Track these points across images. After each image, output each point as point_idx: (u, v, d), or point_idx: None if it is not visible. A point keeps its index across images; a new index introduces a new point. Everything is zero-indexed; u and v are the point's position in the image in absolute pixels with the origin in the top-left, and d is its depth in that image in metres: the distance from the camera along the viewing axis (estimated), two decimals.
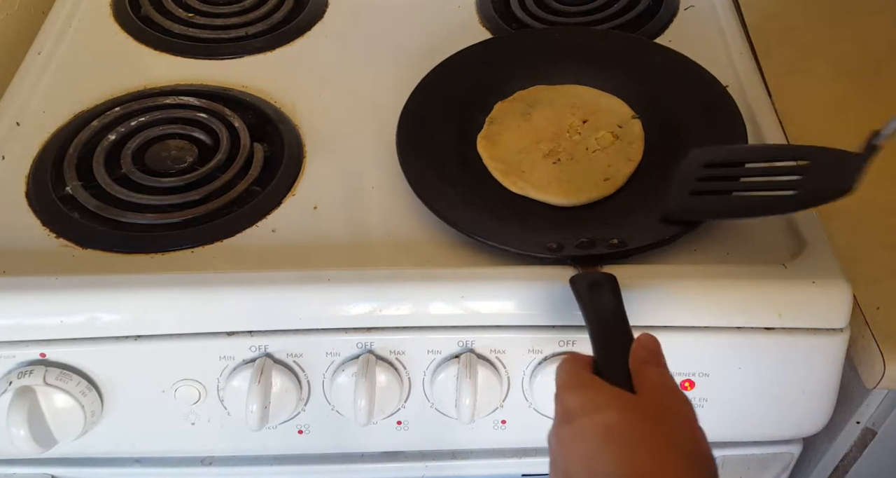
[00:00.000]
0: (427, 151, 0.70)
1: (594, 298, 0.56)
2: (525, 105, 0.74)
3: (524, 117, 0.73)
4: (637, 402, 0.47)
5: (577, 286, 0.58)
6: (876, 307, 0.64)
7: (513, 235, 0.63)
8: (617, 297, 0.56)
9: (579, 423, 0.46)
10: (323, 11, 0.89)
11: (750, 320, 0.62)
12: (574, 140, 0.71)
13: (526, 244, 0.62)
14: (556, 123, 0.72)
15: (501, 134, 0.72)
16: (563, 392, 0.49)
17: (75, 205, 0.68)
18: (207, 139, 0.74)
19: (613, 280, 0.57)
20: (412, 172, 0.68)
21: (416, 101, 0.73)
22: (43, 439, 0.60)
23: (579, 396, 0.48)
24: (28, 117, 0.75)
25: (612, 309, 0.55)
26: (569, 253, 0.62)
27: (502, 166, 0.69)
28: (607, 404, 0.46)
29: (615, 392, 0.47)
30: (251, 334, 0.62)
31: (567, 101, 0.74)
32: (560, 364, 0.52)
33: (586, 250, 0.62)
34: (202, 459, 0.69)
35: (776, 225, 0.66)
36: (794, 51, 0.86)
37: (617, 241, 0.62)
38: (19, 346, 0.61)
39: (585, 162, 0.69)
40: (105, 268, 0.63)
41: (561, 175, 0.68)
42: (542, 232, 0.64)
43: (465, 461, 0.70)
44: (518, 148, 0.71)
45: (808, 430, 0.67)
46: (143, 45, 0.84)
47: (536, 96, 0.75)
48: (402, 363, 0.63)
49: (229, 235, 0.66)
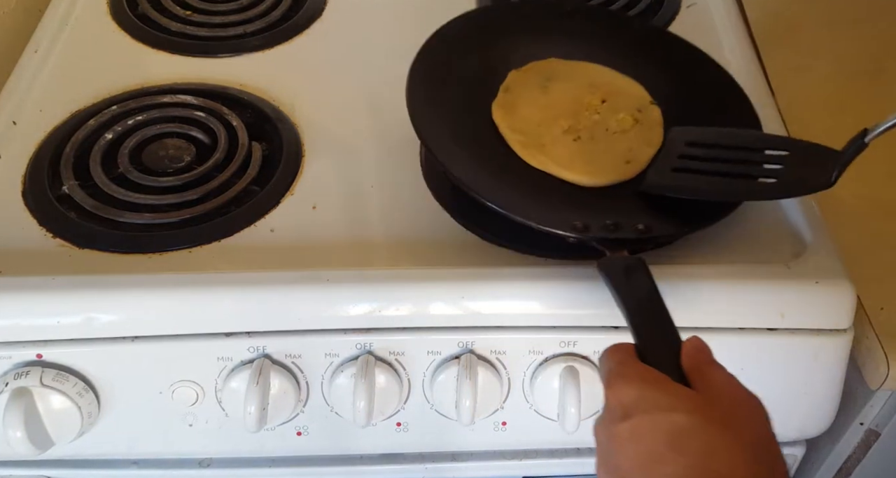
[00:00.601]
0: (440, 110, 0.67)
1: (632, 283, 0.54)
2: (542, 77, 0.72)
3: (542, 90, 0.71)
4: (706, 403, 0.43)
5: (610, 270, 0.55)
6: (880, 308, 0.64)
7: (535, 210, 0.61)
8: (653, 282, 0.54)
9: (639, 421, 0.43)
10: (321, 9, 0.88)
11: (752, 321, 0.61)
12: (593, 119, 0.69)
13: (550, 221, 0.60)
14: (575, 100, 0.70)
15: (518, 104, 0.70)
16: (618, 384, 0.45)
17: (72, 204, 0.68)
18: (205, 138, 0.73)
19: (646, 265, 0.55)
20: (426, 128, 0.64)
21: (425, 62, 0.70)
22: (39, 440, 0.60)
23: (637, 390, 0.44)
24: (24, 116, 0.75)
25: (651, 295, 0.53)
26: (596, 235, 0.59)
27: (521, 138, 0.67)
28: (672, 404, 0.43)
29: (680, 391, 0.44)
30: (249, 335, 0.61)
31: (585, 79, 0.72)
32: (606, 353, 0.49)
33: (614, 233, 0.60)
34: (200, 460, 0.69)
35: (778, 225, 0.66)
36: (796, 48, 0.86)
37: (643, 226, 0.60)
38: (15, 346, 0.60)
39: (606, 143, 0.68)
40: (102, 268, 0.63)
41: (582, 154, 0.66)
42: (565, 211, 0.62)
43: (466, 463, 0.70)
44: (536, 120, 0.69)
45: (811, 431, 0.67)
46: (141, 43, 0.84)
47: (553, 69, 0.73)
48: (402, 364, 0.62)
49: (227, 234, 0.66)
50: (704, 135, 0.64)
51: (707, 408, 0.43)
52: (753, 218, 0.66)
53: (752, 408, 0.44)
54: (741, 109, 0.70)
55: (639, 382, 0.45)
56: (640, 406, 0.43)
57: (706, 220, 0.62)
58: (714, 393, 0.44)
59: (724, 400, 0.44)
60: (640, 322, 0.51)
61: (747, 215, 0.66)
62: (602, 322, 0.61)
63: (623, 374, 0.46)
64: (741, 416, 0.43)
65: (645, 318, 0.51)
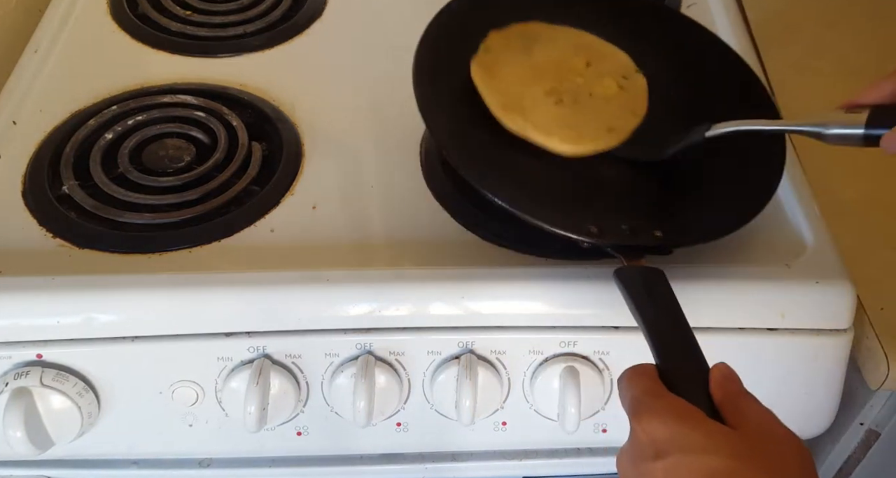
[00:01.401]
0: (442, 100, 0.65)
1: (654, 300, 0.52)
2: (525, 39, 0.69)
3: (524, 51, 0.68)
4: (745, 445, 0.40)
5: (629, 283, 0.53)
6: (880, 308, 0.64)
7: (549, 212, 0.58)
8: (675, 298, 0.52)
9: (674, 462, 0.40)
10: (321, 9, 0.88)
11: (753, 321, 0.61)
12: (577, 83, 0.67)
13: (565, 224, 0.57)
14: (558, 62, 0.67)
15: (498, 64, 0.67)
16: (649, 417, 0.43)
17: (72, 204, 0.68)
18: (205, 138, 0.73)
19: (664, 276, 0.53)
20: (435, 125, 0.62)
21: (426, 48, 0.67)
22: (39, 440, 0.60)
23: (670, 427, 0.41)
24: (24, 116, 0.75)
25: (675, 314, 0.51)
26: (611, 242, 0.57)
27: (501, 99, 0.64)
28: (710, 446, 0.40)
29: (717, 430, 0.41)
30: (249, 335, 0.61)
31: (570, 42, 0.70)
32: (629, 378, 0.46)
33: (631, 240, 0.57)
34: (200, 460, 0.69)
35: (778, 225, 0.66)
36: (797, 48, 0.86)
37: (660, 234, 0.58)
38: (15, 347, 0.60)
39: (589, 108, 0.65)
40: (102, 268, 0.63)
41: (563, 118, 0.64)
42: (578, 211, 0.59)
43: (466, 463, 0.70)
44: (517, 81, 0.66)
45: (811, 431, 0.67)
46: (141, 43, 0.84)
47: (536, 32, 0.70)
48: (402, 364, 0.62)
49: (227, 234, 0.66)
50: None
51: (746, 451, 0.40)
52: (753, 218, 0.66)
53: (793, 449, 0.41)
54: (742, 82, 0.68)
55: (673, 418, 0.42)
56: (675, 446, 0.41)
57: (725, 229, 0.60)
58: (751, 432, 0.41)
59: (764, 441, 0.41)
60: (663, 344, 0.48)
61: None
62: (602, 322, 0.61)
63: (653, 407, 0.43)
64: (782, 459, 0.40)
65: (669, 340, 0.49)
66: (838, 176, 0.73)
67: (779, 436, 0.42)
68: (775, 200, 0.68)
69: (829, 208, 0.67)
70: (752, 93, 0.69)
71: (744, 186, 0.63)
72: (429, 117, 0.62)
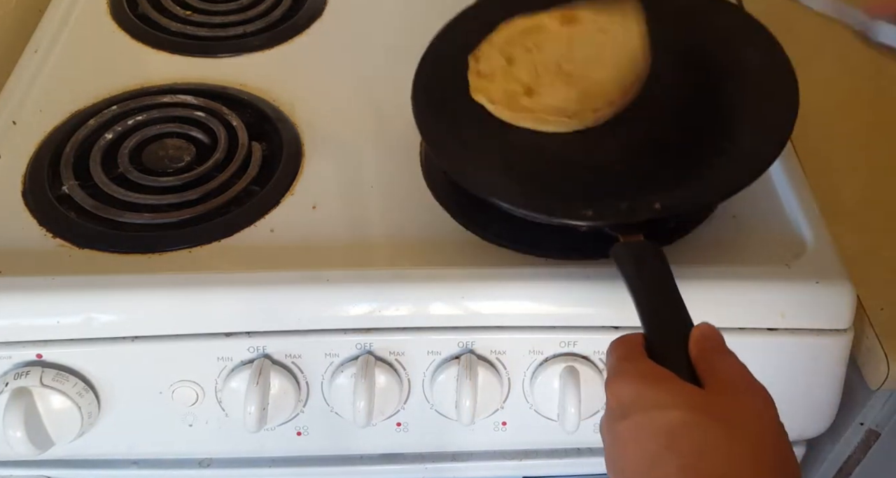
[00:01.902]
0: (441, 110, 0.66)
1: (645, 268, 0.52)
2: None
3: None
4: (707, 399, 0.41)
5: (622, 256, 0.54)
6: (880, 308, 0.64)
7: (543, 200, 0.59)
8: (668, 267, 0.52)
9: (636, 419, 0.41)
10: (321, 9, 0.88)
11: (752, 321, 0.61)
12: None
13: (560, 211, 0.58)
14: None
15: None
16: (617, 381, 0.44)
17: (72, 204, 0.68)
18: (205, 138, 0.73)
19: (661, 251, 0.54)
20: (430, 133, 0.64)
21: (429, 63, 0.69)
22: (39, 440, 0.60)
23: (635, 387, 0.42)
24: (24, 116, 0.75)
25: (664, 279, 0.51)
26: (609, 222, 0.58)
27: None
28: (670, 401, 0.41)
29: (679, 386, 0.42)
30: (249, 335, 0.61)
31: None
32: (610, 347, 0.47)
33: (629, 218, 0.57)
34: (200, 461, 0.69)
35: (778, 225, 0.66)
36: (795, 49, 0.86)
37: (659, 205, 0.57)
38: (15, 347, 0.60)
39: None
40: (102, 268, 0.63)
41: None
42: (574, 199, 0.59)
43: (466, 463, 0.70)
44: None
45: (811, 431, 0.67)
46: (141, 43, 0.84)
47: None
48: (402, 364, 0.62)
49: (227, 234, 0.66)
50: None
51: (707, 404, 0.41)
52: (753, 218, 0.66)
53: (758, 403, 0.42)
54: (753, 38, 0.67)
55: (638, 379, 0.43)
56: (638, 405, 0.42)
57: (730, 189, 0.59)
58: (718, 386, 0.42)
59: (725, 393, 0.41)
60: (648, 309, 0.49)
61: (747, 215, 0.66)
62: (602, 322, 0.61)
63: (623, 371, 0.44)
64: (744, 411, 0.41)
65: (655, 304, 0.50)
66: (838, 176, 0.73)
67: (743, 388, 0.42)
68: (775, 199, 0.68)
69: (829, 208, 0.67)
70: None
71: (745, 147, 0.61)
72: (420, 120, 0.64)
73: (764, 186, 0.68)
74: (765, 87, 0.65)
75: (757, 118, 0.63)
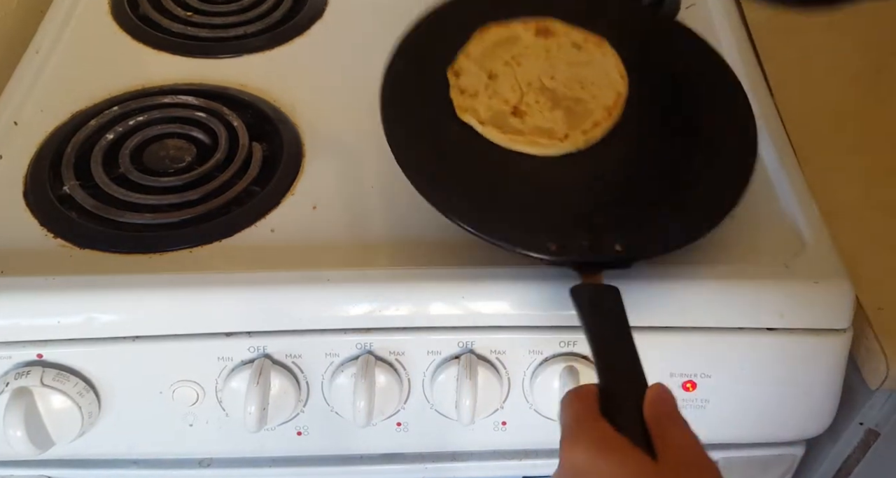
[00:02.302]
0: (412, 123, 0.65)
1: (600, 316, 0.54)
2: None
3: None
4: (658, 473, 0.42)
5: (579, 299, 0.55)
6: (878, 308, 0.64)
7: (512, 230, 0.59)
8: (624, 316, 0.53)
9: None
10: (322, 10, 0.88)
11: (752, 321, 0.61)
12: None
13: (526, 243, 0.59)
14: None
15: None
16: (571, 445, 0.44)
17: (73, 205, 0.68)
18: (206, 138, 0.73)
19: (617, 294, 0.55)
20: (402, 152, 0.62)
21: (395, 72, 0.68)
22: (40, 440, 0.60)
23: (590, 454, 0.43)
24: (26, 116, 0.75)
25: (620, 330, 0.52)
26: (570, 258, 0.58)
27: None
28: (621, 474, 0.41)
29: (632, 458, 0.42)
30: (250, 335, 0.61)
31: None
32: (565, 400, 0.48)
33: (588, 257, 0.58)
34: (200, 460, 0.69)
35: (777, 225, 0.66)
36: (796, 50, 0.86)
37: (620, 247, 0.58)
38: (16, 346, 0.60)
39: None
40: (103, 268, 0.63)
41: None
42: (543, 228, 0.60)
43: (466, 463, 0.70)
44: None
45: (810, 431, 0.67)
46: (142, 43, 0.84)
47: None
48: (402, 364, 0.62)
49: (228, 234, 0.66)
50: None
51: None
52: (752, 218, 0.66)
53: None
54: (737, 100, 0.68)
55: (594, 446, 0.43)
56: (591, 474, 0.42)
57: (689, 237, 0.60)
58: (669, 460, 0.43)
59: (679, 470, 0.42)
60: (605, 361, 0.50)
61: (746, 215, 0.66)
62: None
63: (578, 435, 0.45)
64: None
65: (611, 357, 0.51)
66: (837, 176, 0.73)
67: (694, 463, 0.42)
68: (774, 199, 0.68)
69: (827, 208, 0.67)
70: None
71: (711, 190, 0.63)
72: (391, 139, 0.63)
73: (763, 187, 0.68)
74: (725, 123, 0.67)
75: (718, 157, 0.65)
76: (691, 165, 0.65)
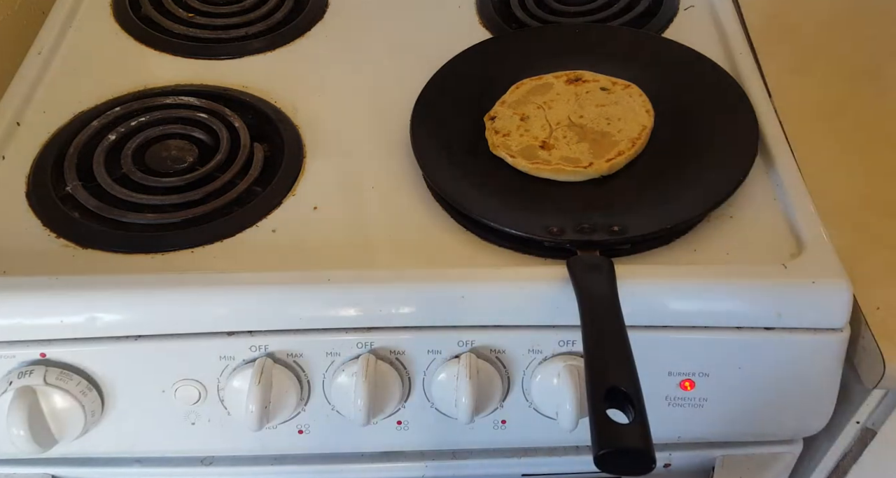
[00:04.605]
0: (439, 134, 0.71)
1: (592, 282, 0.58)
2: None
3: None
4: None
5: (574, 269, 0.59)
6: (876, 307, 0.64)
7: (515, 217, 0.64)
8: (614, 283, 0.58)
9: None
10: (323, 12, 0.89)
11: (749, 320, 0.62)
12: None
13: (527, 226, 0.63)
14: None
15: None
16: None
17: (76, 205, 0.68)
18: (208, 139, 0.74)
19: (610, 264, 0.59)
20: (423, 152, 0.69)
21: (429, 93, 0.74)
22: (43, 438, 0.60)
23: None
24: (28, 117, 0.75)
25: (606, 294, 0.57)
26: (569, 237, 0.63)
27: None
28: None
29: None
30: (251, 334, 0.62)
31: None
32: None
33: (587, 236, 0.63)
34: (202, 459, 0.69)
35: (775, 224, 0.66)
36: (794, 51, 0.86)
37: (617, 228, 0.63)
38: (19, 346, 0.61)
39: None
40: (105, 268, 0.63)
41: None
42: (546, 215, 0.65)
43: (465, 461, 0.70)
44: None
45: (808, 430, 0.67)
46: (144, 45, 0.84)
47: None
48: (403, 363, 0.63)
49: (229, 235, 0.66)
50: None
51: None
52: (750, 218, 0.66)
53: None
54: (734, 100, 0.73)
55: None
56: None
57: (685, 217, 0.64)
58: None
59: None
60: (591, 331, 0.55)
61: (744, 215, 0.66)
62: None
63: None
64: None
65: (598, 325, 0.55)
66: (835, 176, 0.73)
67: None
68: (772, 199, 0.68)
69: (825, 208, 0.67)
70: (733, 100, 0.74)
71: (708, 181, 0.67)
72: (419, 153, 0.69)
73: (761, 187, 0.69)
74: (726, 124, 0.72)
75: (719, 153, 0.69)
76: (692, 162, 0.69)
